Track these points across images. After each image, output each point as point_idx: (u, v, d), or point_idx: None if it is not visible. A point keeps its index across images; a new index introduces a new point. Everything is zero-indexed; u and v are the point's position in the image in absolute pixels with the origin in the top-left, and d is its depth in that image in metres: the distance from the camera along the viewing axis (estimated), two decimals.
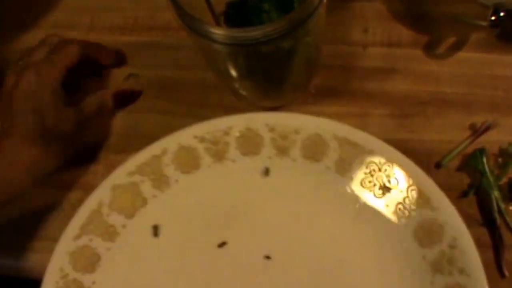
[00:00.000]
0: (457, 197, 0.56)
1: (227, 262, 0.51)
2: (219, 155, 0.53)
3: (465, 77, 0.61)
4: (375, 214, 0.50)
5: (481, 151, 0.56)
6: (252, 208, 0.52)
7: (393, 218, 0.50)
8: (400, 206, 0.50)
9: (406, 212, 0.49)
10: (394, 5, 0.66)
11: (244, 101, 0.63)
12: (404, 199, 0.50)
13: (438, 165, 0.58)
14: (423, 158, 0.58)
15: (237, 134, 0.53)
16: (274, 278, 0.50)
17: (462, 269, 0.47)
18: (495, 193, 0.55)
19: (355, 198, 0.51)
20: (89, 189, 0.60)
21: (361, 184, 0.51)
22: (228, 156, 0.53)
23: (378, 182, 0.51)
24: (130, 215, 0.53)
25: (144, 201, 0.53)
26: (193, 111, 0.64)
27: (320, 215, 0.51)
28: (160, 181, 0.53)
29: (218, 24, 0.56)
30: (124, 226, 0.52)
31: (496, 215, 0.54)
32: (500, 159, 0.57)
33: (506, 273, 0.53)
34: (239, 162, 0.53)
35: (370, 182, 0.51)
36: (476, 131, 0.58)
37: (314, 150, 0.52)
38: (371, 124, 0.60)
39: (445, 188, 0.56)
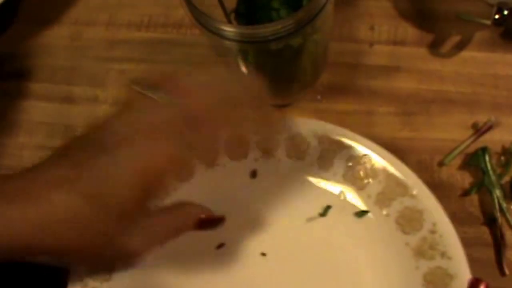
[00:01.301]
0: (459, 195, 0.56)
1: (226, 261, 0.52)
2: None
3: (469, 76, 0.61)
4: (358, 205, 0.52)
5: (484, 150, 0.56)
6: (244, 209, 0.53)
7: (375, 208, 0.51)
8: (381, 196, 0.51)
9: (387, 201, 0.50)
10: (400, 3, 0.65)
11: None
12: (383, 189, 0.51)
13: (440, 164, 0.57)
14: (426, 156, 0.58)
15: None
16: (270, 273, 0.51)
17: (443, 252, 0.48)
18: (497, 192, 0.54)
19: (340, 191, 0.52)
20: None
21: (344, 178, 0.52)
22: (218, 162, 0.53)
23: (359, 174, 0.52)
24: None
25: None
26: None
27: (307, 209, 0.52)
28: None
29: (229, 21, 0.56)
30: None
31: (498, 214, 0.54)
32: (502, 158, 0.57)
33: (507, 271, 0.52)
34: (229, 167, 0.53)
35: (351, 175, 0.52)
36: (479, 130, 0.58)
37: (296, 149, 0.53)
38: (376, 122, 0.60)
39: (447, 186, 0.56)
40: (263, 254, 0.51)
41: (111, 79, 0.68)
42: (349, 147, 0.52)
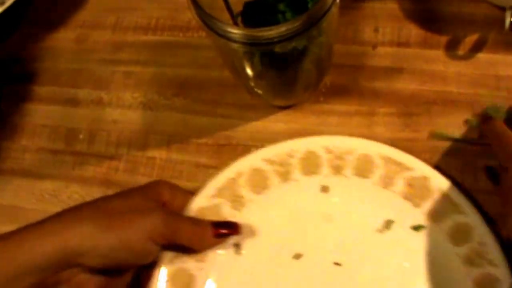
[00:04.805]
0: None
1: (303, 271, 0.54)
2: (285, 176, 0.57)
3: (471, 77, 0.61)
4: (415, 220, 0.54)
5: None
6: (317, 221, 0.56)
7: (430, 223, 0.54)
8: (435, 213, 0.54)
9: (440, 218, 0.54)
10: (405, 5, 0.65)
11: (259, 99, 0.63)
12: (438, 207, 0.54)
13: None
14: (426, 155, 0.58)
15: (300, 155, 0.57)
16: (345, 282, 0.54)
17: (491, 261, 0.51)
18: None
19: (399, 208, 0.55)
20: (111, 185, 0.63)
21: (403, 196, 0.55)
22: (292, 177, 0.57)
23: (417, 193, 0.55)
24: None
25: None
26: (210, 109, 0.64)
27: (373, 222, 0.55)
28: (237, 202, 0.56)
29: (235, 23, 0.56)
30: None
31: None
32: None
33: None
34: (302, 182, 0.57)
35: (410, 194, 0.55)
36: None
37: (363, 168, 0.56)
38: (378, 122, 0.60)
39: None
40: (337, 264, 0.54)
41: (116, 81, 0.68)
42: (410, 169, 0.55)
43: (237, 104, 0.64)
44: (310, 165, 0.56)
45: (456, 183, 0.54)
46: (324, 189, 0.56)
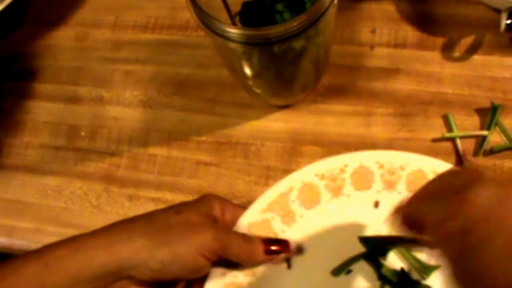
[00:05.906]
0: None
1: (354, 286, 0.53)
2: (336, 191, 0.55)
3: (466, 78, 0.61)
4: None
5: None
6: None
7: None
8: None
9: None
10: (402, 6, 0.65)
11: (257, 98, 0.63)
12: None
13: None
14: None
15: (352, 171, 0.55)
16: None
17: None
18: None
19: None
20: (113, 181, 0.63)
21: None
22: (344, 191, 0.55)
23: None
24: None
25: (275, 237, 0.54)
26: (208, 107, 0.65)
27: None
28: (288, 217, 0.55)
29: (233, 23, 0.56)
30: None
31: None
32: None
33: None
34: (353, 197, 0.55)
35: None
36: None
37: (416, 183, 0.54)
38: (374, 122, 0.60)
39: None
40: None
41: (116, 79, 0.68)
42: None
43: (236, 103, 0.64)
44: (362, 180, 0.55)
45: None
46: (375, 204, 0.55)
